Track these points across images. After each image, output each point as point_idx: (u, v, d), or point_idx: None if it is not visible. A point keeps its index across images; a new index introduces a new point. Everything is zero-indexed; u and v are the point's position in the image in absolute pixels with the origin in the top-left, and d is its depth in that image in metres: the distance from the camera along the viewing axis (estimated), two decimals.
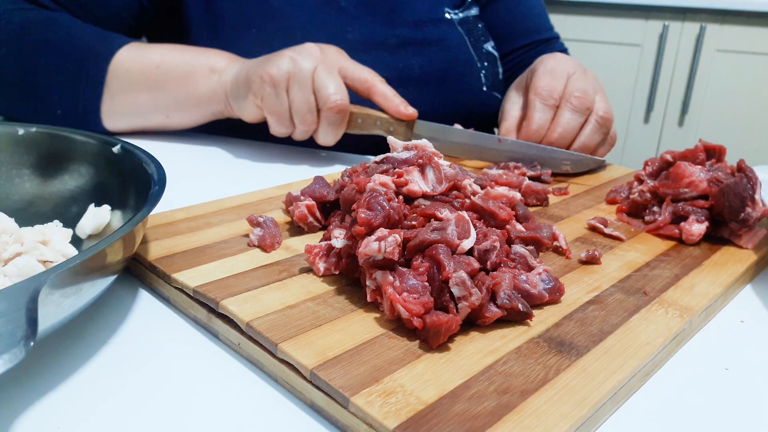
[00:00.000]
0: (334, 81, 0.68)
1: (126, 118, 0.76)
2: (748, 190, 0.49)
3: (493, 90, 0.95)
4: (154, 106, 0.75)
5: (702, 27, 2.26)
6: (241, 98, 0.70)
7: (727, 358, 0.38)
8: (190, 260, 0.43)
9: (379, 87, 0.71)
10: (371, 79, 0.71)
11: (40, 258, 0.40)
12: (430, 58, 0.88)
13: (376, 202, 0.39)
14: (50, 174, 0.51)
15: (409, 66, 0.86)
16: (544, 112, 0.70)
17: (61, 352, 0.36)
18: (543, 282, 0.39)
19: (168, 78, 0.74)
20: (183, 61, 0.74)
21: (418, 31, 0.88)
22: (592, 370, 0.33)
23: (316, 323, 0.36)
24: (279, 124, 0.70)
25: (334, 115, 0.68)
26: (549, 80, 0.71)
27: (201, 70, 0.73)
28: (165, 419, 0.31)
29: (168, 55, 0.75)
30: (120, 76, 0.73)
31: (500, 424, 0.28)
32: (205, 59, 0.74)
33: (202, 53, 0.75)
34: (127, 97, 0.74)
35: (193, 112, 0.75)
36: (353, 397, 0.29)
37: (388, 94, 0.71)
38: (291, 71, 0.67)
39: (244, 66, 0.71)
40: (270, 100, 0.68)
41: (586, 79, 0.71)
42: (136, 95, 0.74)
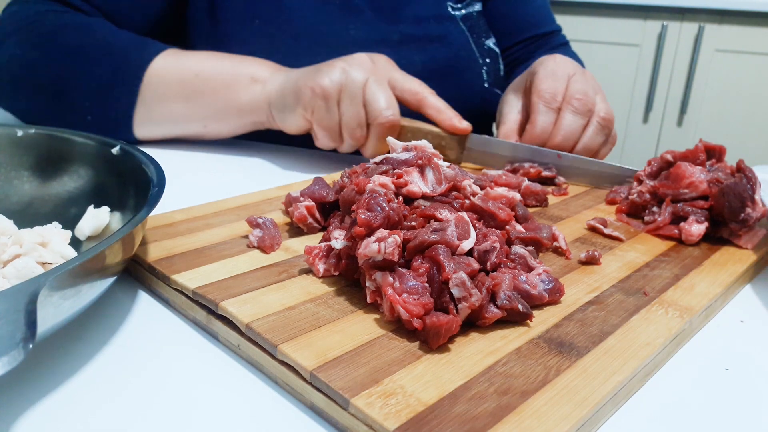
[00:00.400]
0: (385, 94, 0.67)
1: (160, 127, 0.75)
2: (748, 191, 0.49)
3: (495, 87, 0.95)
4: (191, 116, 0.74)
5: (700, 27, 2.27)
6: (288, 110, 0.69)
7: (727, 358, 0.38)
8: (189, 261, 0.43)
9: (430, 99, 0.69)
10: (422, 91, 0.69)
11: (39, 260, 0.40)
12: (433, 55, 0.88)
13: (375, 203, 0.39)
14: (49, 175, 0.51)
15: (411, 62, 0.86)
16: (547, 115, 0.69)
17: (61, 354, 0.36)
18: (543, 282, 0.39)
19: (207, 87, 0.72)
20: (223, 70, 0.73)
21: (420, 27, 0.88)
22: (592, 371, 0.32)
23: (316, 324, 0.36)
24: (328, 138, 0.69)
25: (384, 131, 0.67)
26: (551, 82, 0.70)
27: (243, 80, 0.72)
28: (165, 421, 0.31)
29: (207, 63, 0.73)
30: (156, 85, 0.72)
31: (500, 425, 0.28)
32: (247, 68, 0.73)
33: (243, 62, 0.74)
34: (163, 105, 0.73)
35: (232, 122, 0.74)
36: (353, 398, 0.29)
37: (441, 106, 0.70)
38: (343, 84, 0.66)
39: (291, 76, 0.70)
40: (320, 113, 0.67)
41: (585, 80, 0.71)
42: (173, 104, 0.73)
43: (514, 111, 0.75)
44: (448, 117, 0.69)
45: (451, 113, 0.69)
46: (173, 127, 0.75)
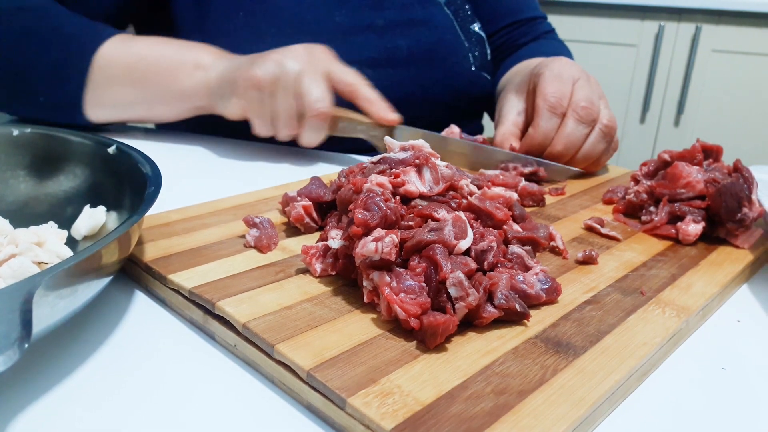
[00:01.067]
0: (318, 86, 0.68)
1: (109, 110, 0.76)
2: (745, 191, 0.49)
3: (482, 70, 0.95)
4: (137, 99, 0.75)
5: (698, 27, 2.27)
6: (226, 98, 0.71)
7: (724, 357, 0.38)
8: (186, 261, 0.43)
9: (362, 91, 0.70)
10: (356, 82, 0.70)
11: (35, 259, 0.40)
12: (418, 39, 0.88)
13: (372, 202, 0.38)
14: (45, 175, 0.51)
15: (397, 47, 0.87)
16: (551, 121, 0.68)
17: (57, 353, 0.36)
18: (540, 282, 0.39)
19: (152, 71, 0.73)
20: (168, 55, 0.74)
21: (405, 12, 0.88)
22: (589, 370, 0.32)
23: (313, 324, 0.36)
24: (262, 126, 0.71)
25: (315, 121, 0.68)
26: (557, 86, 0.69)
27: (186, 66, 0.73)
28: (161, 421, 0.31)
29: (153, 48, 0.75)
30: (105, 68, 0.73)
31: (497, 425, 0.28)
32: (191, 54, 0.74)
33: (188, 48, 0.75)
34: (111, 89, 0.74)
35: (175, 107, 0.75)
36: (350, 398, 0.29)
37: (373, 98, 0.71)
38: (276, 75, 0.67)
39: (231, 65, 0.71)
40: (254, 104, 0.69)
41: (590, 87, 0.70)
42: (120, 87, 0.74)
43: (513, 112, 0.74)
44: (378, 108, 0.70)
45: (381, 105, 0.71)
46: (122, 110, 0.76)
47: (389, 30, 0.87)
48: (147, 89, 0.74)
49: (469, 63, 0.93)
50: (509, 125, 0.73)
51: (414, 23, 0.88)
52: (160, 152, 0.74)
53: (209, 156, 0.76)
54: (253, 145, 0.81)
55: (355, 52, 0.83)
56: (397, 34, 0.87)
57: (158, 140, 0.79)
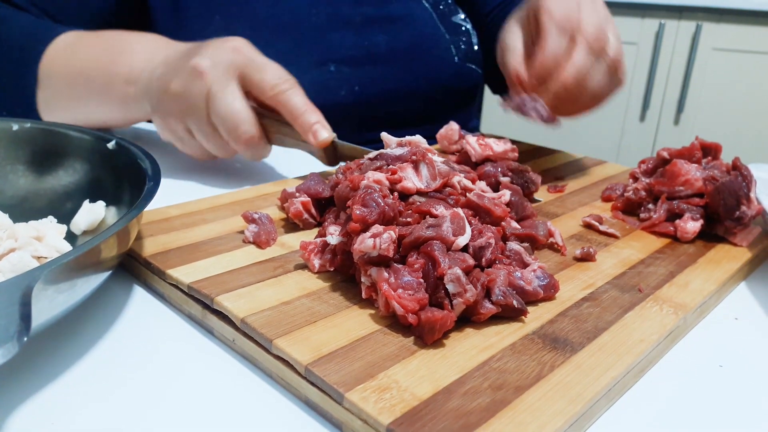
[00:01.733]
0: (232, 105, 0.58)
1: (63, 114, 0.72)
2: (743, 189, 0.49)
3: (467, 62, 0.94)
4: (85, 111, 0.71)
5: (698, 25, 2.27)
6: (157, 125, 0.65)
7: (721, 355, 0.38)
8: (184, 256, 0.43)
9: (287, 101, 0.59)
10: (278, 88, 0.59)
11: (34, 254, 0.40)
12: (396, 34, 0.87)
13: (370, 198, 0.39)
14: (45, 170, 0.51)
15: (376, 43, 0.85)
16: (559, 39, 0.60)
17: (55, 348, 0.36)
18: (538, 279, 0.39)
19: (89, 88, 0.69)
20: (102, 70, 0.67)
21: (382, 7, 0.87)
22: (586, 367, 0.33)
23: (311, 319, 0.36)
24: (200, 156, 0.64)
25: (244, 147, 0.60)
26: (562, 3, 0.61)
27: (117, 82, 0.66)
28: (159, 415, 0.31)
29: (90, 58, 0.68)
30: (49, 79, 0.70)
31: (494, 420, 0.28)
32: (123, 65, 0.66)
33: (122, 53, 0.67)
34: (58, 102, 0.71)
35: (122, 118, 0.70)
36: (348, 393, 0.29)
37: (299, 109, 0.59)
38: (183, 109, 0.59)
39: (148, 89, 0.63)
40: (179, 144, 0.64)
41: (596, 9, 0.63)
42: (66, 102, 0.71)
43: (517, 40, 0.67)
44: (304, 125, 0.60)
45: (307, 119, 0.60)
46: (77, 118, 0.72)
47: (367, 26, 0.85)
48: (89, 103, 0.70)
49: (451, 55, 0.91)
50: (518, 54, 0.65)
51: (392, 19, 0.87)
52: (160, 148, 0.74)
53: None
54: None
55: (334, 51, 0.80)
56: (376, 30, 0.86)
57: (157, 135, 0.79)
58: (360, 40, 0.83)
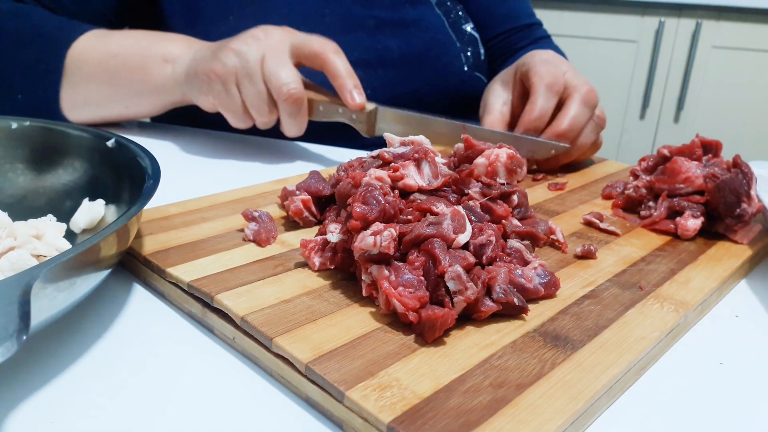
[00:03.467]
0: (284, 68, 0.65)
1: (87, 108, 0.75)
2: (744, 186, 0.49)
3: (475, 70, 0.95)
4: (112, 97, 0.74)
5: (698, 23, 2.27)
6: (195, 92, 0.69)
7: (722, 352, 0.38)
8: (184, 255, 0.43)
9: (331, 62, 0.66)
10: (323, 51, 0.66)
11: (34, 252, 0.40)
12: (408, 39, 0.87)
13: (371, 196, 0.38)
14: (44, 168, 0.51)
15: (388, 47, 0.86)
16: (548, 99, 0.65)
17: (55, 346, 0.36)
18: (538, 276, 0.39)
19: (124, 68, 0.72)
20: (138, 51, 0.73)
21: (395, 12, 0.88)
22: (587, 365, 0.33)
23: (312, 318, 0.36)
24: (236, 119, 0.69)
25: (290, 106, 0.66)
26: (551, 68, 0.67)
27: (155, 60, 0.72)
28: (159, 413, 0.31)
29: (124, 44, 0.73)
30: (79, 67, 0.72)
31: (495, 418, 0.28)
32: (160, 48, 0.72)
33: (158, 41, 0.73)
34: (86, 87, 0.73)
35: (150, 102, 0.74)
36: (348, 391, 0.29)
37: (340, 73, 0.66)
38: (237, 66, 0.65)
39: (195, 57, 0.69)
40: (221, 97, 0.67)
41: (580, 75, 0.70)
42: (95, 86, 0.73)
43: (499, 102, 0.72)
44: (342, 87, 0.66)
45: (350, 85, 0.66)
46: (99, 108, 0.76)
47: (380, 30, 0.86)
48: (121, 87, 0.73)
49: (461, 63, 0.92)
50: (496, 114, 0.71)
51: (405, 23, 0.88)
52: (159, 146, 0.74)
53: (208, 150, 0.76)
54: (252, 138, 0.81)
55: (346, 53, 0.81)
56: (388, 34, 0.86)
57: (157, 134, 0.79)
58: (373, 43, 0.83)
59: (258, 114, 0.67)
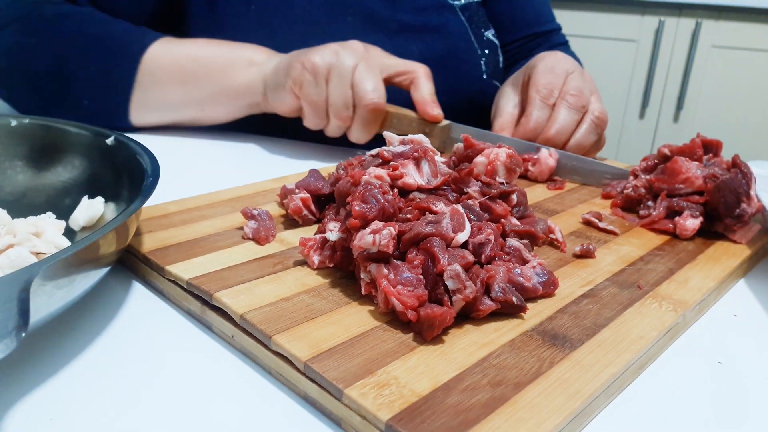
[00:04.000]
0: (373, 79, 0.68)
1: (157, 113, 0.76)
2: (743, 186, 0.49)
3: (494, 78, 0.95)
4: (187, 100, 0.75)
5: (698, 23, 2.26)
6: (280, 87, 0.70)
7: (720, 351, 0.38)
8: (183, 252, 0.43)
9: (420, 80, 0.70)
10: (416, 70, 0.70)
11: (33, 249, 0.40)
12: (430, 45, 0.88)
13: (370, 194, 0.38)
14: (43, 166, 0.51)
15: (409, 51, 0.86)
16: (542, 110, 0.70)
17: (54, 344, 0.36)
18: (537, 275, 0.39)
19: (205, 70, 0.73)
20: (221, 54, 0.74)
21: (419, 16, 0.88)
22: (585, 363, 0.33)
23: (310, 316, 0.36)
24: (314, 115, 0.70)
25: (368, 113, 0.68)
26: (549, 78, 0.71)
27: (240, 63, 0.73)
28: (158, 411, 0.31)
29: (204, 48, 0.75)
30: (153, 70, 0.73)
31: (494, 416, 0.28)
32: (244, 52, 0.74)
33: (240, 47, 0.75)
34: (160, 90, 0.74)
35: (228, 105, 0.75)
36: (347, 389, 0.29)
37: (424, 89, 0.70)
38: (333, 63, 0.67)
39: (286, 56, 0.71)
40: (309, 88, 0.68)
41: (583, 79, 0.72)
42: (170, 88, 0.74)
43: (510, 104, 0.76)
44: (423, 99, 0.70)
45: (427, 96, 0.70)
46: (170, 112, 0.76)
47: (401, 34, 0.87)
48: (198, 88, 0.74)
49: (480, 71, 0.93)
50: (507, 116, 0.74)
51: (428, 29, 0.88)
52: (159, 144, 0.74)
53: (208, 148, 0.75)
54: (252, 137, 0.81)
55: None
56: (410, 38, 0.87)
57: (157, 132, 0.79)
58: (393, 47, 0.84)
59: (335, 115, 0.69)
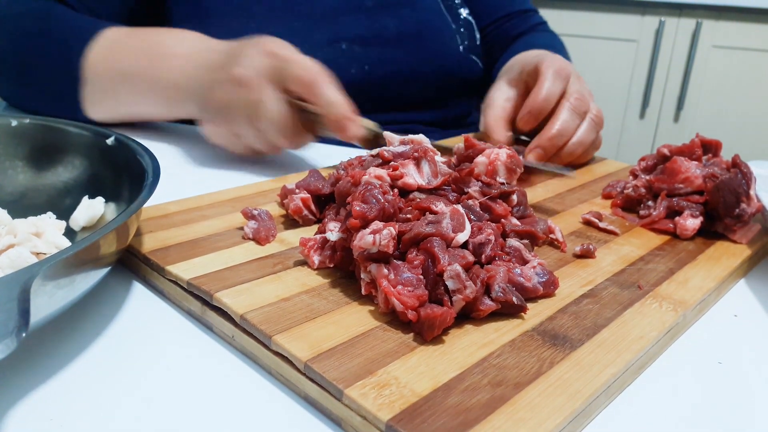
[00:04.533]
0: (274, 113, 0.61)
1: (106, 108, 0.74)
2: (743, 186, 0.49)
3: (470, 53, 0.98)
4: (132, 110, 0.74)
5: (698, 23, 2.26)
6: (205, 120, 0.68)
7: (721, 351, 0.38)
8: (184, 252, 0.43)
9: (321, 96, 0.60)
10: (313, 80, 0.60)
11: (34, 250, 0.40)
12: (404, 19, 0.91)
13: (371, 194, 0.38)
14: (44, 166, 0.51)
15: (385, 26, 0.89)
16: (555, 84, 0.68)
17: (54, 344, 0.36)
18: (537, 275, 0.39)
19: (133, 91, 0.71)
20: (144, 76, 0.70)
21: None
22: (585, 363, 0.33)
23: (311, 316, 0.36)
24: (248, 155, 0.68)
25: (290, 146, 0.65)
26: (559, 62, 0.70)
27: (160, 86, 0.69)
28: (158, 411, 0.31)
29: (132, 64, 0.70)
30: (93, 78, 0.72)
31: (494, 416, 0.28)
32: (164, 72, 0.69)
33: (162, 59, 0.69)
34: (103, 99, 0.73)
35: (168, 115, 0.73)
36: (347, 389, 0.29)
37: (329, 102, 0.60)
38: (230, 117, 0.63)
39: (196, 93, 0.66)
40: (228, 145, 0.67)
41: (581, 83, 0.73)
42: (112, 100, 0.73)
43: (502, 97, 0.75)
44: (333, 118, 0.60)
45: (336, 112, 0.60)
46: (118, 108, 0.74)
47: (377, 11, 0.90)
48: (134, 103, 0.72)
49: (456, 44, 0.95)
50: (498, 108, 0.74)
51: (401, 4, 0.92)
52: (159, 144, 0.74)
53: (208, 148, 0.75)
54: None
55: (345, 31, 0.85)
56: (385, 14, 0.90)
57: (157, 132, 0.79)
58: (370, 22, 0.87)
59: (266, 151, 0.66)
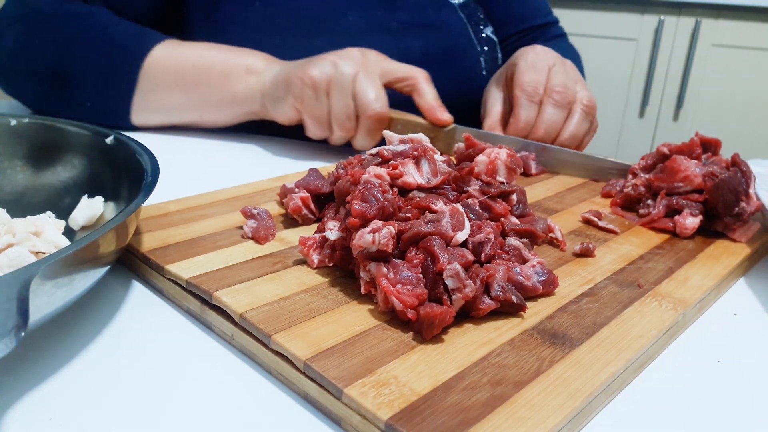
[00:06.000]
0: (374, 87, 0.68)
1: (157, 115, 0.76)
2: (743, 185, 0.49)
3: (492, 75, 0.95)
4: (187, 105, 0.75)
5: (697, 21, 2.26)
6: (280, 100, 0.70)
7: (720, 350, 0.38)
8: (183, 252, 0.43)
9: (421, 86, 0.70)
10: (416, 76, 0.70)
11: (33, 249, 0.40)
12: (431, 42, 0.89)
13: (370, 193, 0.38)
14: (43, 165, 0.51)
15: (410, 49, 0.87)
16: (529, 109, 0.70)
17: (54, 343, 0.36)
18: (537, 274, 0.39)
19: (203, 77, 0.73)
20: (219, 61, 0.74)
21: (418, 14, 0.89)
22: (585, 362, 0.33)
23: (310, 315, 0.36)
24: (317, 128, 0.71)
25: (372, 123, 0.68)
26: (532, 75, 0.71)
27: (237, 71, 0.73)
28: (158, 410, 0.31)
29: (204, 54, 0.74)
30: (154, 74, 0.73)
31: (493, 415, 0.28)
32: (243, 59, 0.74)
33: (239, 53, 0.75)
34: (160, 94, 0.74)
35: (226, 112, 0.75)
36: (346, 388, 0.29)
37: (428, 95, 0.70)
38: (332, 75, 0.67)
39: (284, 68, 0.71)
40: (310, 103, 0.68)
41: (565, 71, 0.72)
42: (170, 94, 0.74)
43: (497, 103, 0.76)
44: (430, 106, 0.70)
45: (435, 103, 0.70)
46: (170, 115, 0.76)
47: (403, 32, 0.88)
48: (198, 95, 0.74)
49: (480, 67, 0.93)
50: (495, 115, 0.75)
51: (427, 26, 0.89)
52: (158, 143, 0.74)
53: (207, 147, 0.75)
54: (251, 136, 0.81)
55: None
56: (411, 36, 0.88)
57: (157, 131, 0.79)
58: (396, 44, 0.85)
59: (338, 126, 0.69)
